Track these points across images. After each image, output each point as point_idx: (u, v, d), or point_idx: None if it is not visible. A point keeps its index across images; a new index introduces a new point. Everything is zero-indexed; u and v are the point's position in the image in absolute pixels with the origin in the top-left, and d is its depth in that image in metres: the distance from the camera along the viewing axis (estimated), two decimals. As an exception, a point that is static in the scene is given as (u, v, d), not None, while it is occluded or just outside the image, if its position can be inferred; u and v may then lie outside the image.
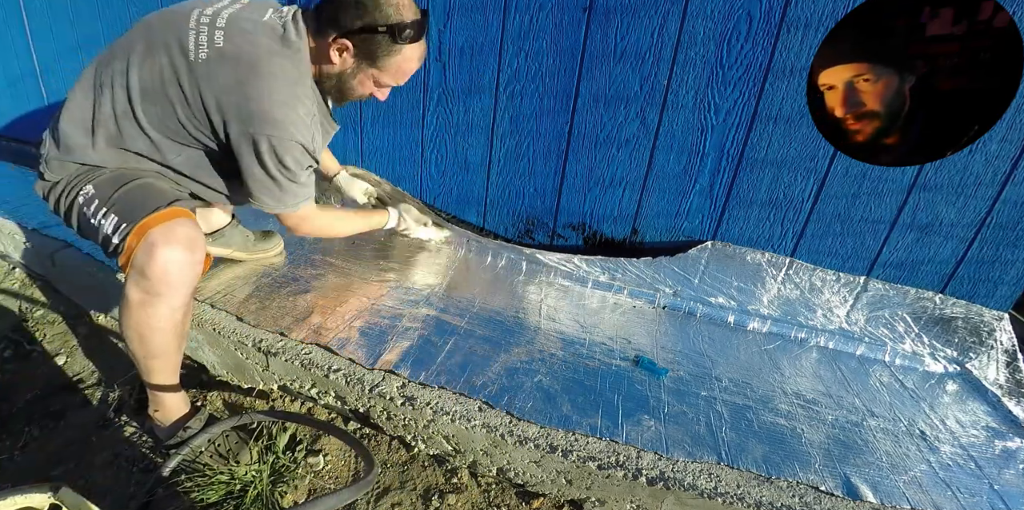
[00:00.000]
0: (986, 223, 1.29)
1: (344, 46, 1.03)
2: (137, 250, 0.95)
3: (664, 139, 1.41)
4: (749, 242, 1.47)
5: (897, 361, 1.46)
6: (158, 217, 0.98)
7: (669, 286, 1.57)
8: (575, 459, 0.98)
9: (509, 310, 1.44)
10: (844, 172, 1.32)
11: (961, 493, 1.02)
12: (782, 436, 1.10)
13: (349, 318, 1.30)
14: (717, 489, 0.95)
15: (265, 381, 1.25)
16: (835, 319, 1.48)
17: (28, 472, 1.12)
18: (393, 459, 1.14)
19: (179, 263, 0.95)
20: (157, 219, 0.97)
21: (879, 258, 1.40)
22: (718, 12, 1.24)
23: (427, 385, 1.11)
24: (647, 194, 1.49)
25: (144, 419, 1.23)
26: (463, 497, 1.08)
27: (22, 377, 1.36)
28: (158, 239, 0.95)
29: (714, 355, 1.36)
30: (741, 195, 1.42)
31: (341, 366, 1.14)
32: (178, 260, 0.95)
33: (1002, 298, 1.36)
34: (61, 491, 0.76)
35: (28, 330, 1.51)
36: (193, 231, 0.99)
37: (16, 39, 2.18)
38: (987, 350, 1.41)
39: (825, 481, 0.99)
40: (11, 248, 1.67)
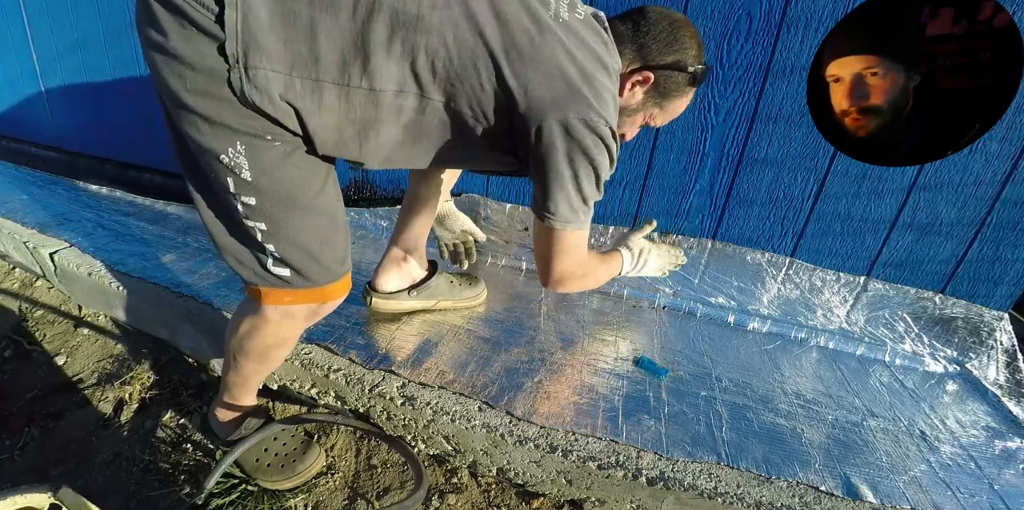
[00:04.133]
0: (986, 223, 1.29)
1: (647, 79, 0.92)
2: (298, 307, 0.93)
3: (664, 139, 1.41)
4: (749, 242, 1.47)
5: (897, 361, 1.46)
6: (339, 289, 0.95)
7: (669, 286, 1.57)
8: (575, 459, 0.98)
9: (509, 309, 1.44)
10: (844, 172, 1.32)
11: (961, 493, 1.02)
12: (782, 436, 1.10)
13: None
14: (717, 489, 0.95)
15: (265, 381, 1.25)
16: (835, 319, 1.48)
17: (28, 472, 1.12)
18: (393, 459, 1.14)
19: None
20: (337, 291, 0.95)
21: (879, 258, 1.40)
22: (718, 12, 1.24)
23: (427, 385, 1.11)
24: (647, 194, 1.49)
25: (145, 419, 1.23)
26: (463, 497, 1.08)
27: (22, 377, 1.36)
28: (326, 311, 0.97)
29: (714, 355, 1.36)
30: (741, 195, 1.42)
31: (341, 366, 1.14)
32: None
33: (1002, 298, 1.36)
34: (61, 491, 0.76)
35: (28, 330, 1.51)
36: None
37: (16, 39, 2.18)
38: (987, 350, 1.41)
39: (825, 481, 0.99)
40: (11, 248, 1.67)
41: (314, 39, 0.72)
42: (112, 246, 1.58)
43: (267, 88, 0.71)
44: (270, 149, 0.78)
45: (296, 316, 0.95)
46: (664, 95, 0.95)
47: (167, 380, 1.33)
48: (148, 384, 1.32)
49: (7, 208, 1.76)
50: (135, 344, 1.44)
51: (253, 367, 1.02)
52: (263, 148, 0.77)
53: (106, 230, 1.70)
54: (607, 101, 0.84)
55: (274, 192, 0.80)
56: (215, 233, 0.87)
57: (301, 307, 0.93)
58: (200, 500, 0.99)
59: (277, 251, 0.85)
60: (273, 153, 0.78)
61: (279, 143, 0.78)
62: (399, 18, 0.73)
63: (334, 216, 0.90)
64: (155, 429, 1.20)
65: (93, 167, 2.28)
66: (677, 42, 0.90)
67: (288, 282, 0.89)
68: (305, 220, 0.85)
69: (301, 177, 0.82)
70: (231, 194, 0.80)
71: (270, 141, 0.77)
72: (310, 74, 0.73)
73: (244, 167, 0.77)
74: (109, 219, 1.80)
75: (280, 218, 0.83)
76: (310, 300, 0.93)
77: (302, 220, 0.84)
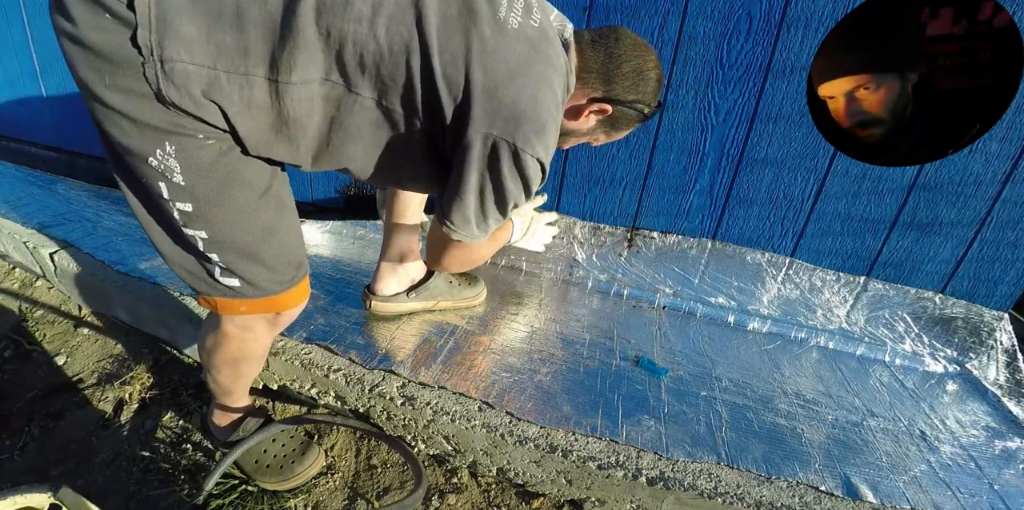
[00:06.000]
0: (986, 223, 1.29)
1: (604, 111, 0.89)
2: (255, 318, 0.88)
3: (664, 139, 1.41)
4: (749, 242, 1.47)
5: (897, 361, 1.46)
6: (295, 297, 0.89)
7: (669, 286, 1.57)
8: (575, 459, 0.98)
9: (509, 309, 1.44)
10: (844, 172, 1.32)
11: (961, 493, 1.02)
12: (782, 436, 1.10)
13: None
14: (717, 489, 0.95)
15: (265, 381, 1.25)
16: (835, 319, 1.48)
17: (28, 472, 1.12)
18: (393, 459, 1.14)
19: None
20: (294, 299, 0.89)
21: (879, 258, 1.40)
22: (718, 12, 1.24)
23: (427, 385, 1.11)
24: (647, 194, 1.49)
25: (145, 419, 1.23)
26: (463, 497, 1.08)
27: (22, 377, 1.36)
28: (286, 320, 0.93)
29: (714, 355, 1.36)
30: (741, 195, 1.42)
31: (341, 366, 1.14)
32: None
33: (1002, 298, 1.36)
34: (61, 491, 0.76)
35: (28, 330, 1.51)
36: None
37: (16, 39, 2.18)
38: (987, 350, 1.41)
39: (825, 481, 0.99)
40: (11, 248, 1.67)
41: (241, 28, 0.63)
42: (112, 246, 1.58)
43: (186, 84, 0.63)
44: (202, 148, 0.69)
45: (255, 328, 0.91)
46: (614, 127, 0.94)
47: (167, 380, 1.33)
48: (148, 384, 1.32)
49: (7, 208, 1.76)
50: (135, 344, 1.44)
51: (230, 378, 1.01)
52: (195, 148, 0.69)
53: (106, 230, 1.70)
54: (545, 127, 0.77)
55: (211, 197, 0.72)
56: (158, 243, 0.80)
57: (258, 318, 0.89)
58: (200, 501, 0.99)
59: (222, 261, 0.78)
60: (206, 153, 0.70)
61: (212, 141, 0.70)
62: (325, 4, 0.66)
63: (282, 219, 0.82)
64: (155, 429, 1.20)
65: (93, 167, 2.28)
66: (644, 84, 0.87)
67: (239, 292, 0.82)
68: (249, 226, 0.77)
69: (241, 178, 0.74)
70: (165, 200, 0.73)
71: (202, 140, 0.69)
72: (237, 68, 0.64)
73: (176, 170, 0.69)
74: (109, 219, 1.80)
75: (221, 225, 0.75)
76: (266, 309, 0.87)
77: (246, 226, 0.77)
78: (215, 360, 0.96)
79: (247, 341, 0.92)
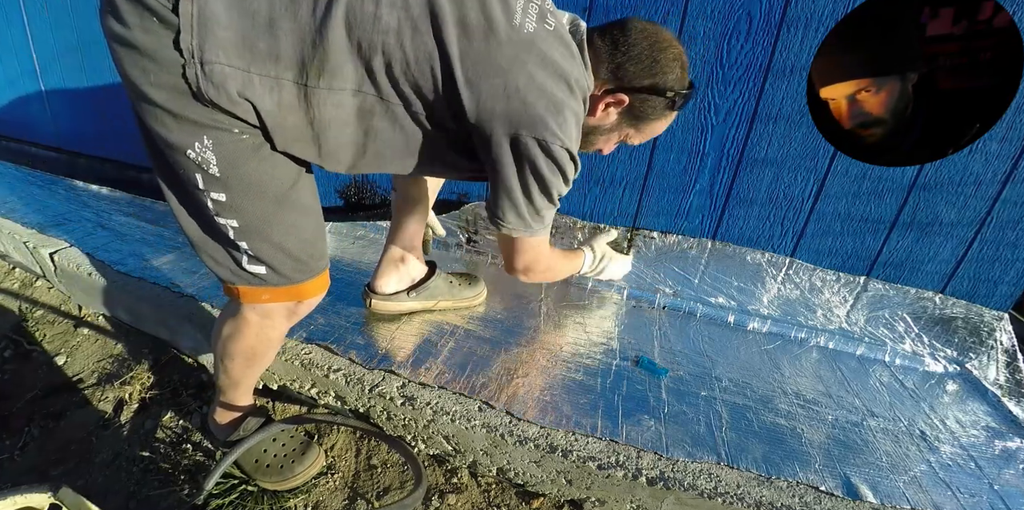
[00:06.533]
0: (986, 223, 1.29)
1: (620, 101, 0.89)
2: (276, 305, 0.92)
3: (664, 139, 1.41)
4: (749, 242, 1.47)
5: (897, 361, 1.46)
6: (317, 286, 0.94)
7: (669, 286, 1.57)
8: (575, 459, 0.98)
9: (509, 309, 1.44)
10: (844, 172, 1.32)
11: (961, 493, 1.02)
12: (782, 436, 1.10)
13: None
14: (717, 489, 0.95)
15: (265, 381, 1.25)
16: (835, 319, 1.48)
17: (28, 472, 1.12)
18: (393, 459, 1.14)
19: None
20: (315, 289, 0.94)
21: (879, 258, 1.40)
22: (718, 12, 1.24)
23: (427, 385, 1.11)
24: (647, 193, 1.49)
25: (145, 419, 1.23)
26: (463, 497, 1.08)
27: (22, 377, 1.36)
28: (304, 310, 0.96)
29: (714, 355, 1.36)
30: (741, 195, 1.42)
31: (341, 366, 1.14)
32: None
33: (1002, 298, 1.36)
34: (61, 491, 0.76)
35: (28, 330, 1.51)
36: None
37: (16, 39, 2.18)
38: (987, 350, 1.41)
39: (825, 481, 0.99)
40: (11, 248, 1.67)
41: (273, 36, 0.70)
42: (112, 246, 1.58)
43: (224, 84, 0.69)
44: (238, 143, 0.75)
45: (275, 316, 0.94)
46: (639, 118, 0.92)
47: (167, 380, 1.33)
48: (148, 384, 1.32)
49: (7, 208, 1.76)
50: (135, 344, 1.44)
51: (242, 369, 1.02)
52: (231, 142, 0.75)
53: (106, 230, 1.70)
54: (567, 120, 0.80)
55: (244, 187, 0.78)
56: (189, 231, 0.85)
57: (279, 306, 0.93)
58: (200, 501, 0.99)
59: (250, 248, 0.83)
60: (241, 147, 0.76)
61: (247, 136, 0.76)
62: (356, 16, 0.71)
63: (308, 211, 0.88)
64: (155, 429, 1.20)
65: (93, 167, 2.28)
66: (656, 65, 0.85)
67: (264, 280, 0.87)
68: (277, 216, 0.83)
69: (271, 171, 0.80)
70: (200, 190, 0.78)
71: (237, 134, 0.75)
72: (269, 72, 0.71)
73: (212, 162, 0.75)
74: (109, 219, 1.80)
75: (251, 214, 0.81)
76: (288, 298, 0.92)
77: (274, 216, 0.82)
78: (230, 349, 0.98)
79: (266, 328, 0.95)
